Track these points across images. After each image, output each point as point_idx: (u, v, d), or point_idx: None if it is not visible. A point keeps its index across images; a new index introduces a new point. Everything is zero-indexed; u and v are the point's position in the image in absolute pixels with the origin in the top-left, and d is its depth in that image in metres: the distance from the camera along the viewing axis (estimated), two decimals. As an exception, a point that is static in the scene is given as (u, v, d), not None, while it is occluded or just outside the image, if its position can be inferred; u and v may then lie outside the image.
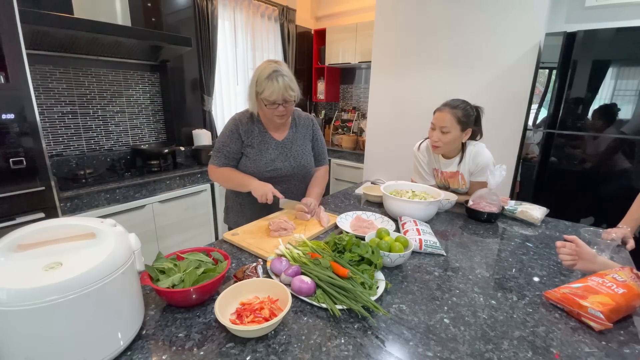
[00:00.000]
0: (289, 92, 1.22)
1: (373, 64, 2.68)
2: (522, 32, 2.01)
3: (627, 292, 0.75)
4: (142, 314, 0.69)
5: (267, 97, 1.22)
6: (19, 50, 1.41)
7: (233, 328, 0.63)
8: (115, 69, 2.34)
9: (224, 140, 1.35)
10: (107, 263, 0.57)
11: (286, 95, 1.22)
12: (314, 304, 0.76)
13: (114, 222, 0.68)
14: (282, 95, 1.21)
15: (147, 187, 2.10)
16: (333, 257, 0.89)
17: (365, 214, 1.33)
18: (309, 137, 1.47)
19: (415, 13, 2.38)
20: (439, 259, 1.02)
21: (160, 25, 2.47)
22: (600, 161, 1.89)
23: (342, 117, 4.04)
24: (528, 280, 0.91)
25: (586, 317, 0.72)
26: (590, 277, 0.83)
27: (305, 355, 0.63)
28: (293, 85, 1.24)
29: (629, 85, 1.75)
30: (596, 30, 1.79)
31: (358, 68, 3.82)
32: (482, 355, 0.63)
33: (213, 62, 2.84)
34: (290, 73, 1.25)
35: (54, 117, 2.12)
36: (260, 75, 1.22)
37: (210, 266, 0.81)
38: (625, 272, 0.82)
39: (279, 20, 3.45)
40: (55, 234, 0.62)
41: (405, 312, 0.76)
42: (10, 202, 1.46)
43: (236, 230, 1.18)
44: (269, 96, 1.21)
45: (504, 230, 1.28)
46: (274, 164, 1.35)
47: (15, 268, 0.54)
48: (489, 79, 2.18)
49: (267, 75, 1.20)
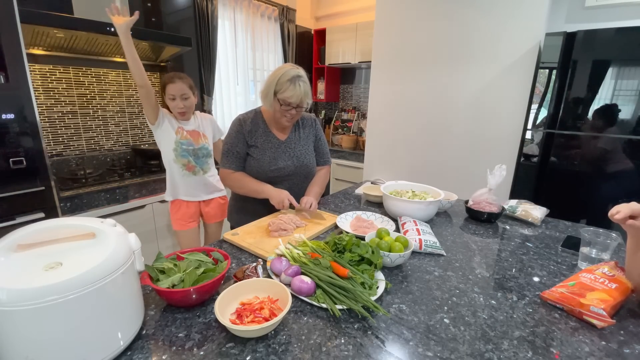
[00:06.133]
0: (306, 99, 1.29)
1: (373, 64, 2.68)
2: (522, 32, 2.01)
3: (619, 287, 0.77)
4: (142, 314, 0.69)
5: (285, 98, 1.26)
6: (19, 50, 1.41)
7: (233, 328, 0.63)
8: (115, 69, 2.34)
9: (232, 142, 1.37)
10: (107, 263, 0.57)
11: (303, 101, 1.29)
12: (314, 304, 0.76)
13: (114, 222, 0.68)
14: (300, 100, 1.27)
15: (147, 187, 2.10)
16: (333, 257, 0.89)
17: (365, 214, 1.33)
18: (311, 138, 1.50)
19: (415, 13, 2.38)
20: (439, 259, 1.02)
21: (160, 25, 2.48)
22: (600, 161, 1.88)
23: (342, 117, 4.04)
24: (528, 280, 0.91)
25: (588, 315, 0.72)
26: (580, 273, 0.85)
27: (305, 355, 0.63)
28: (310, 93, 1.31)
29: (629, 85, 1.75)
30: (596, 30, 1.79)
31: (358, 68, 3.82)
32: (482, 355, 0.63)
33: (213, 62, 2.84)
34: (308, 82, 1.31)
35: (54, 117, 2.12)
36: (282, 76, 1.25)
37: (210, 266, 0.81)
38: (612, 267, 0.84)
39: (279, 20, 3.45)
40: (55, 234, 0.62)
41: (405, 312, 0.76)
42: (10, 202, 1.46)
43: (236, 230, 1.18)
44: (289, 98, 1.25)
45: (504, 230, 1.28)
46: (277, 163, 1.37)
47: (15, 268, 0.54)
48: (489, 79, 2.18)
49: (289, 78, 1.25)
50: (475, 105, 2.25)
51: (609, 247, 0.96)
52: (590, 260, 0.97)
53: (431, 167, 2.52)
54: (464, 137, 2.33)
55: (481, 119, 2.24)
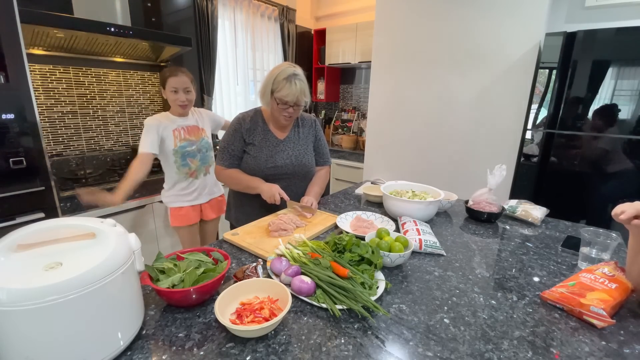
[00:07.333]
0: (303, 97, 1.29)
1: (373, 64, 2.68)
2: (522, 32, 2.01)
3: (619, 287, 0.77)
4: (142, 314, 0.69)
5: (281, 97, 1.26)
6: (19, 50, 1.41)
7: (233, 328, 0.63)
8: (115, 69, 2.34)
9: (228, 140, 1.38)
10: (107, 263, 0.57)
11: (300, 99, 1.28)
12: (314, 304, 0.76)
13: (114, 222, 0.68)
14: (297, 98, 1.27)
15: (147, 187, 2.10)
16: (333, 257, 0.89)
17: (365, 214, 1.33)
18: (311, 138, 1.50)
19: (415, 13, 2.38)
20: (439, 259, 1.02)
21: (160, 25, 2.47)
22: (600, 161, 1.88)
23: (342, 117, 4.03)
24: (528, 280, 0.91)
25: (588, 315, 0.72)
26: (580, 273, 0.85)
27: (305, 355, 0.63)
28: (307, 91, 1.30)
29: (629, 85, 1.75)
30: (596, 30, 1.79)
31: (358, 68, 3.82)
32: (482, 355, 0.63)
33: (213, 62, 2.84)
34: (305, 80, 1.30)
35: (54, 117, 2.12)
36: (278, 75, 1.26)
37: (210, 266, 0.81)
38: (612, 267, 0.84)
39: (279, 20, 3.45)
40: (55, 234, 0.62)
41: (405, 312, 0.76)
42: (10, 202, 1.46)
43: (236, 230, 1.18)
44: (285, 96, 1.25)
45: (504, 230, 1.28)
46: (275, 161, 1.37)
47: (15, 268, 0.54)
48: (489, 79, 2.18)
49: (285, 77, 1.25)
50: (475, 105, 2.25)
51: (609, 247, 0.96)
52: (590, 260, 0.97)
53: (431, 167, 2.52)
54: (464, 137, 2.33)
55: (481, 118, 2.24)
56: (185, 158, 1.70)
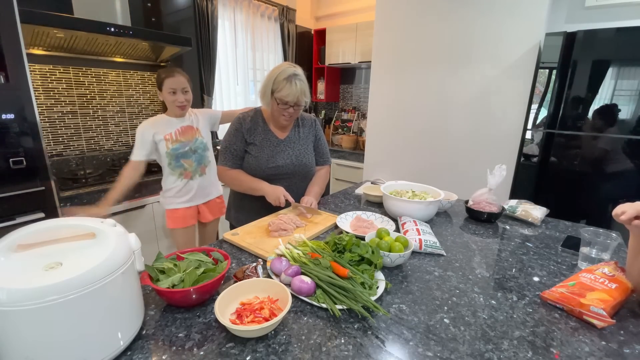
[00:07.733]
0: (303, 97, 1.29)
1: (373, 64, 2.68)
2: (522, 32, 2.01)
3: (619, 287, 0.77)
4: (142, 314, 0.69)
5: (282, 97, 1.26)
6: (19, 50, 1.41)
7: (233, 328, 0.63)
8: (115, 69, 2.34)
9: (230, 140, 1.38)
10: (107, 263, 0.57)
11: (300, 99, 1.28)
12: (314, 304, 0.76)
13: (114, 222, 0.68)
14: (297, 98, 1.27)
15: (147, 187, 2.10)
16: (333, 257, 0.89)
17: (365, 214, 1.33)
18: (311, 138, 1.50)
19: (415, 13, 2.38)
20: (439, 259, 1.02)
21: (160, 25, 2.47)
22: (600, 161, 1.88)
23: (342, 117, 4.03)
24: (528, 280, 0.91)
25: (588, 315, 0.72)
26: (580, 273, 0.85)
27: (305, 355, 0.63)
28: (307, 91, 1.30)
29: (629, 85, 1.75)
30: (596, 30, 1.79)
31: (358, 68, 3.82)
32: (482, 355, 0.63)
33: (213, 62, 2.84)
34: (305, 80, 1.30)
35: (54, 117, 2.11)
36: (279, 75, 1.26)
37: (210, 266, 0.81)
38: (612, 267, 0.84)
39: (279, 20, 3.45)
40: (55, 234, 0.62)
41: (405, 312, 0.76)
42: (10, 202, 1.46)
43: (236, 230, 1.18)
44: (285, 97, 1.25)
45: (504, 230, 1.28)
46: (276, 161, 1.37)
47: (15, 268, 0.54)
48: (489, 79, 2.18)
49: (285, 77, 1.25)
50: (476, 105, 2.25)
51: (609, 247, 0.96)
52: (590, 260, 0.97)
53: (431, 166, 2.52)
54: (464, 137, 2.33)
55: (481, 118, 2.24)
56: (179, 159, 1.69)
